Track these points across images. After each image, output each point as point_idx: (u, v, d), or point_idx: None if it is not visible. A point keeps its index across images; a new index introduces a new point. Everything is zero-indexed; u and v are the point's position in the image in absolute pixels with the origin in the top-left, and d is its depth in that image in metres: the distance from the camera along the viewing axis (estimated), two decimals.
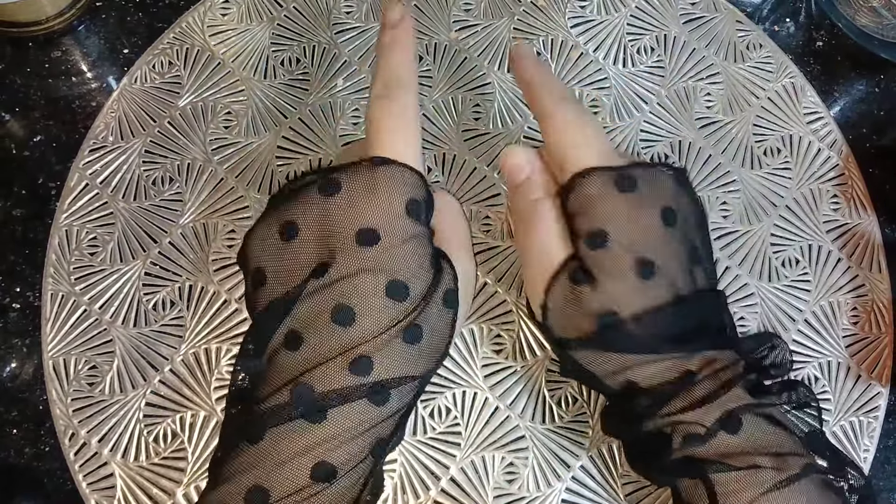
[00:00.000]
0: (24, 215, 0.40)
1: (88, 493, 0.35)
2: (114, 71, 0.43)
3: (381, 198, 0.28)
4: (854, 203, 0.42)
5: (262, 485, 0.25)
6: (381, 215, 0.28)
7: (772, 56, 0.45)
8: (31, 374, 0.37)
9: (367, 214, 0.28)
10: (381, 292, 0.27)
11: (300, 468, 0.26)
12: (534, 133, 0.42)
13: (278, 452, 0.26)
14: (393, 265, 0.28)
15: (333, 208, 0.28)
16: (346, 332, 0.27)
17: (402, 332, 0.27)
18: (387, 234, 0.28)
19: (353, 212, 0.28)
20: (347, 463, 0.26)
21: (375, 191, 0.28)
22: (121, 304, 0.38)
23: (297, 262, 0.28)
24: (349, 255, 0.28)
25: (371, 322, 0.27)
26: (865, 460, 0.37)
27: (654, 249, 0.28)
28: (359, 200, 0.28)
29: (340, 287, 0.27)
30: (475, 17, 0.44)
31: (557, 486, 0.36)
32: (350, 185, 0.28)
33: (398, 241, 0.28)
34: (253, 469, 0.26)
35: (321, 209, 0.28)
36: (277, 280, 0.28)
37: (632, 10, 0.45)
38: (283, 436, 0.26)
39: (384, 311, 0.27)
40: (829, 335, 0.39)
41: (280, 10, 0.44)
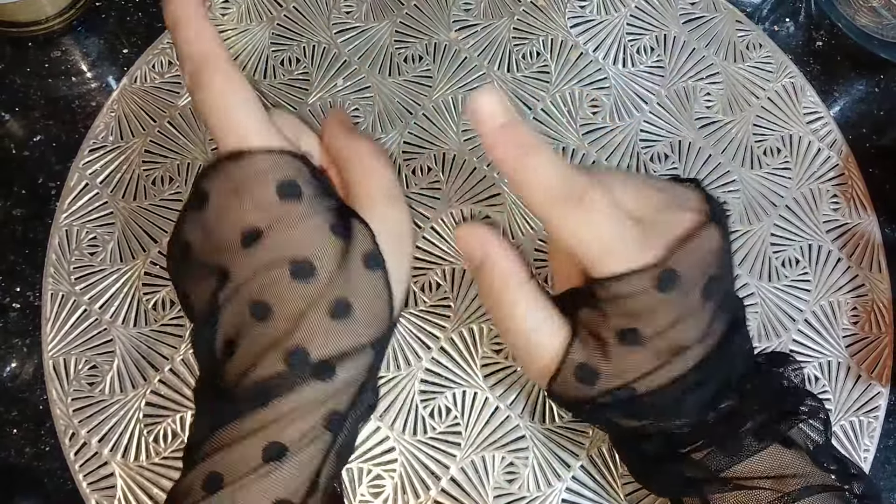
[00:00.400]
0: (24, 215, 0.40)
1: (88, 493, 0.35)
2: (114, 71, 0.43)
3: (246, 195, 0.26)
4: (854, 203, 0.42)
5: (217, 471, 0.26)
6: (254, 212, 0.26)
7: (772, 56, 0.45)
8: (32, 373, 0.37)
9: (241, 217, 0.26)
10: (287, 278, 0.26)
11: (251, 450, 0.26)
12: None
13: (230, 438, 0.26)
14: (288, 251, 0.26)
15: (210, 223, 0.27)
16: (269, 325, 0.26)
17: (328, 311, 0.27)
18: (269, 228, 0.26)
19: (227, 219, 0.27)
20: (300, 440, 0.26)
21: (239, 190, 0.26)
22: (121, 303, 0.38)
23: (199, 278, 0.28)
24: (240, 260, 0.26)
25: (288, 310, 0.26)
26: (865, 460, 0.37)
27: (689, 333, 0.26)
28: (228, 206, 0.27)
29: (249, 287, 0.27)
30: (475, 17, 0.44)
31: (558, 486, 0.36)
32: (216, 193, 0.27)
33: (283, 228, 0.27)
34: (209, 458, 0.26)
35: (201, 226, 0.27)
36: (195, 296, 0.28)
37: (632, 10, 0.45)
38: (235, 424, 0.26)
39: (297, 296, 0.26)
40: (829, 335, 0.39)
41: (280, 10, 0.44)
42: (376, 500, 0.35)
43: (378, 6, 0.44)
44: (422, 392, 0.37)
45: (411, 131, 0.41)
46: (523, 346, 0.28)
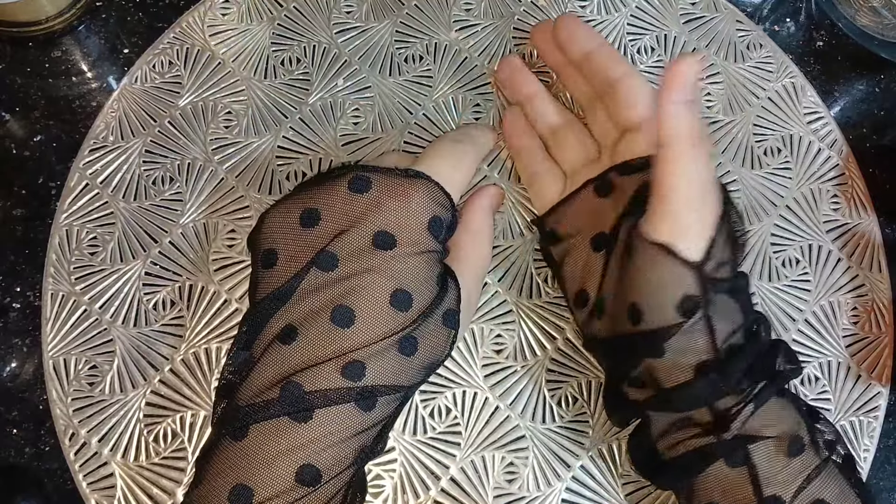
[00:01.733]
0: (24, 215, 0.40)
1: (88, 493, 0.35)
2: (114, 71, 0.43)
3: (406, 206, 0.28)
4: (854, 203, 0.42)
5: (246, 483, 0.25)
6: (403, 223, 0.28)
7: (772, 56, 0.45)
8: (32, 373, 0.37)
9: (389, 218, 0.28)
10: (386, 299, 0.27)
11: (285, 469, 0.25)
12: None
13: (263, 451, 0.25)
14: (402, 274, 0.28)
15: (359, 205, 0.28)
16: (344, 333, 0.27)
17: (399, 343, 0.27)
18: (403, 243, 0.28)
19: (376, 213, 0.28)
20: (332, 468, 0.26)
21: (403, 198, 0.28)
22: (121, 303, 0.38)
23: (311, 248, 0.28)
24: (362, 254, 0.27)
25: (370, 327, 0.27)
26: (865, 460, 0.37)
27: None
28: (385, 203, 0.28)
29: (346, 285, 0.27)
30: (475, 17, 0.44)
31: (557, 485, 0.36)
32: (380, 186, 0.28)
33: (413, 251, 0.28)
34: (237, 467, 0.25)
35: (346, 203, 0.28)
36: (288, 264, 0.28)
37: (632, 10, 0.45)
38: (268, 434, 0.26)
39: (385, 319, 0.27)
40: (829, 335, 0.39)
41: (280, 9, 0.44)
42: (376, 500, 0.35)
43: (378, 6, 0.44)
44: (422, 392, 0.37)
45: (411, 131, 0.41)
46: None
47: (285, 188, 0.40)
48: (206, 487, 0.26)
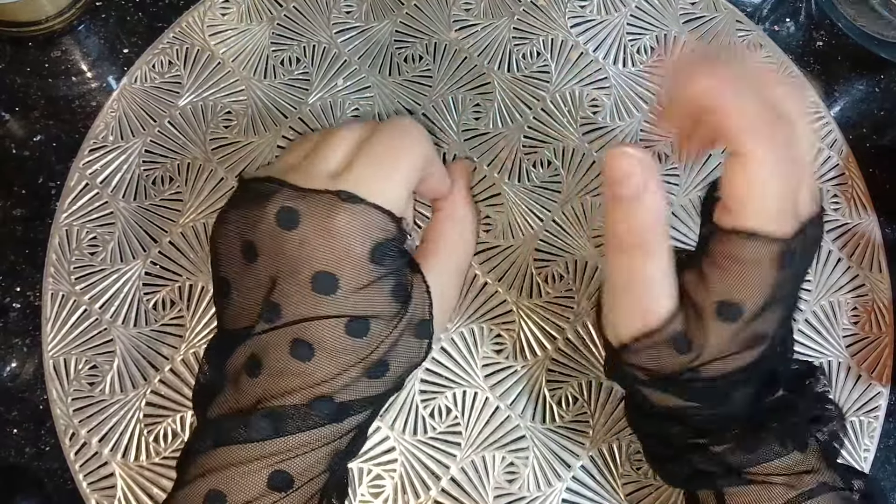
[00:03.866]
0: (24, 215, 0.40)
1: (89, 493, 0.35)
2: (114, 71, 0.43)
3: (340, 243, 0.26)
4: (854, 203, 0.42)
5: (220, 489, 0.26)
6: (340, 261, 0.26)
7: (772, 56, 0.45)
8: (32, 373, 0.37)
9: (323, 258, 0.26)
10: (341, 331, 0.26)
11: (257, 475, 0.26)
12: (533, 133, 0.42)
13: (236, 457, 0.26)
14: (351, 306, 0.27)
15: (289, 245, 0.26)
16: (306, 367, 0.26)
17: (367, 371, 0.27)
18: (346, 281, 0.26)
19: (311, 253, 0.26)
20: (304, 474, 0.26)
21: (335, 234, 0.26)
22: (121, 303, 0.38)
23: (257, 284, 0.27)
24: (303, 300, 0.26)
25: (331, 360, 0.27)
26: (866, 460, 0.37)
27: (772, 323, 0.26)
28: (317, 242, 0.26)
29: (296, 327, 0.26)
30: (475, 17, 0.44)
31: (558, 485, 0.36)
32: (309, 221, 0.26)
33: (359, 286, 0.27)
34: (212, 473, 0.26)
35: (278, 241, 0.26)
36: (241, 298, 0.28)
37: (632, 10, 0.45)
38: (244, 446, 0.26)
39: (344, 350, 0.27)
40: (829, 335, 0.39)
41: (280, 9, 0.44)
42: (376, 500, 0.35)
43: (378, 6, 0.44)
44: (422, 392, 0.37)
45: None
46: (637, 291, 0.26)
47: None
48: (183, 492, 0.26)
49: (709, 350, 0.25)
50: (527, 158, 0.41)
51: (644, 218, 0.25)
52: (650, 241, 0.25)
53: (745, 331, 0.25)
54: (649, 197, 0.25)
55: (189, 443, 0.28)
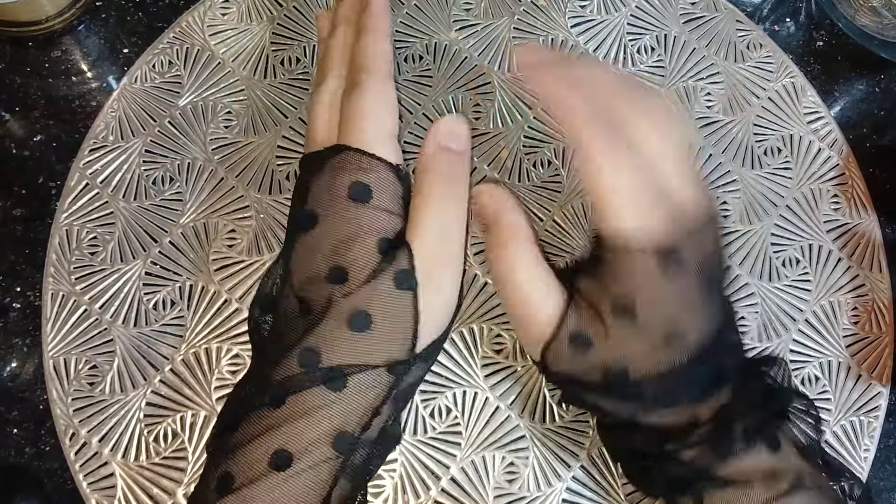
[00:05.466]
0: (24, 215, 0.40)
1: (89, 493, 0.35)
2: (114, 70, 0.43)
3: (321, 181, 0.29)
4: (854, 203, 0.42)
5: (230, 471, 0.26)
6: (320, 197, 0.29)
7: (772, 56, 0.45)
8: (32, 373, 0.37)
9: (309, 197, 0.29)
10: (322, 279, 0.27)
11: (260, 454, 0.26)
12: (534, 133, 0.42)
13: (244, 438, 0.27)
14: (329, 250, 0.28)
15: (297, 189, 0.30)
16: (302, 322, 0.28)
17: (348, 321, 0.27)
18: (324, 218, 0.28)
19: (300, 194, 0.30)
20: (305, 450, 0.26)
21: (319, 174, 0.29)
22: (121, 303, 0.38)
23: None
24: (291, 236, 0.29)
25: (316, 311, 0.28)
26: (865, 460, 0.37)
27: (684, 326, 0.26)
28: (307, 183, 0.29)
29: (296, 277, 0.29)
30: (475, 17, 0.44)
31: (558, 485, 0.36)
32: (305, 167, 0.30)
33: (336, 223, 0.28)
34: (223, 456, 0.27)
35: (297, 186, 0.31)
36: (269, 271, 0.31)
37: (632, 10, 0.45)
38: (248, 422, 0.27)
39: (326, 298, 0.27)
40: (829, 335, 0.39)
41: (280, 9, 0.44)
42: (376, 500, 0.35)
43: None
44: (422, 392, 0.37)
45: (411, 131, 0.41)
46: (521, 303, 0.28)
47: (285, 188, 0.40)
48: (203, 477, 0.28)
49: (614, 348, 0.26)
50: (527, 158, 0.41)
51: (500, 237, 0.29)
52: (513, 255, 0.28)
53: (652, 328, 0.26)
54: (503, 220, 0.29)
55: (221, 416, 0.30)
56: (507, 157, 0.41)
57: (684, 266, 0.26)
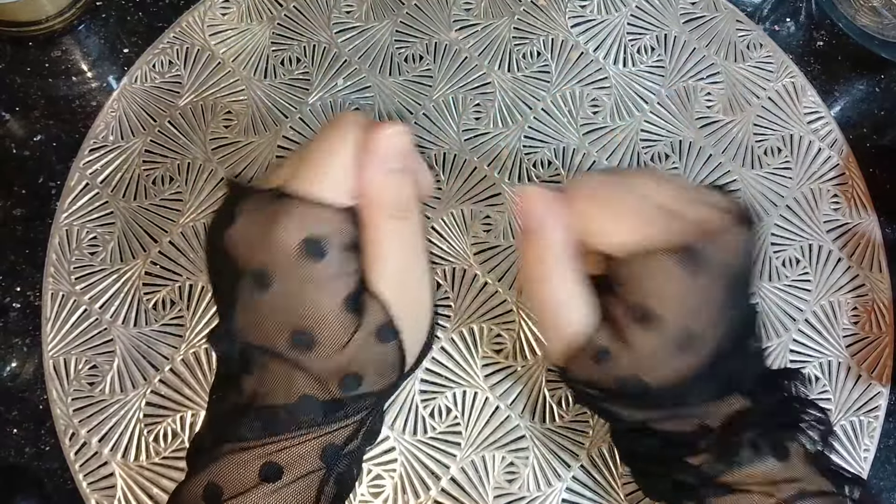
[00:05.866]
0: (25, 215, 0.40)
1: (89, 493, 0.35)
2: (114, 70, 0.43)
3: (270, 237, 0.25)
4: (854, 203, 0.42)
5: (217, 482, 0.26)
6: (271, 256, 0.26)
7: (772, 56, 0.45)
8: (32, 373, 0.37)
9: (258, 254, 0.26)
10: (287, 345, 0.26)
11: (249, 467, 0.26)
12: (534, 133, 0.42)
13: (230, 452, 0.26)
14: (291, 313, 0.26)
15: (232, 240, 0.26)
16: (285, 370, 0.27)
17: (339, 385, 0.27)
18: (278, 279, 0.26)
19: (247, 249, 0.26)
20: (294, 467, 0.26)
21: (266, 230, 0.26)
22: (121, 303, 0.38)
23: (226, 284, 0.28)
24: (245, 301, 0.26)
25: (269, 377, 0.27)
26: (865, 460, 0.37)
27: (703, 325, 0.26)
28: (252, 238, 0.26)
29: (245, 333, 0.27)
30: (475, 17, 0.44)
31: (558, 485, 0.36)
32: (246, 218, 0.26)
33: (293, 285, 0.26)
34: (210, 466, 0.26)
35: (228, 238, 0.27)
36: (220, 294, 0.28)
37: (632, 10, 0.45)
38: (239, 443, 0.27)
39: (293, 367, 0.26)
40: (829, 335, 0.39)
41: (280, 9, 0.44)
42: (376, 500, 0.35)
43: (378, 6, 0.44)
44: (422, 392, 0.37)
45: (411, 131, 0.41)
46: (552, 314, 0.28)
47: None
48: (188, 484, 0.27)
49: (634, 356, 0.26)
50: (527, 158, 0.41)
51: (545, 246, 0.28)
52: (552, 267, 0.28)
53: (670, 333, 0.26)
54: (549, 228, 0.28)
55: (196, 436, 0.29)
56: (507, 157, 0.41)
57: (705, 264, 0.26)
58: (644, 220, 0.27)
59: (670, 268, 0.26)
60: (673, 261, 0.25)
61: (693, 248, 0.26)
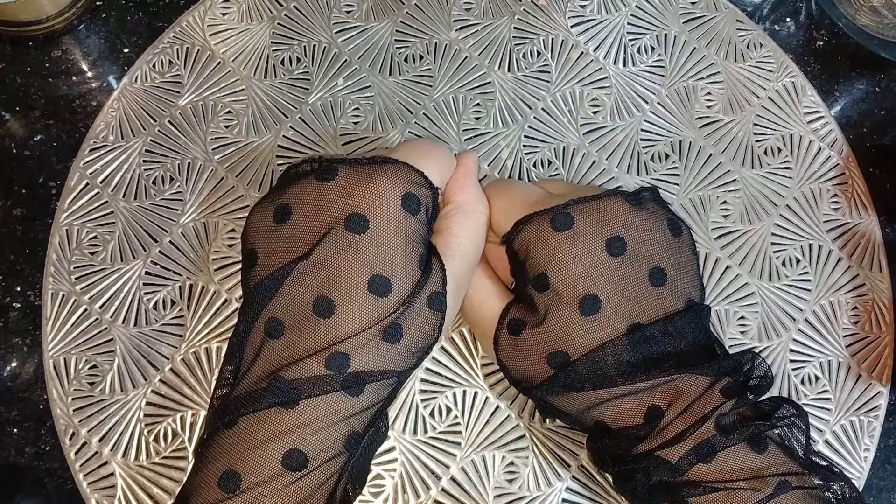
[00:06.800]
0: (25, 215, 0.40)
1: (89, 493, 0.35)
2: (114, 70, 0.43)
3: (375, 186, 0.28)
4: (854, 202, 0.42)
5: (235, 469, 0.25)
6: (373, 203, 0.28)
7: (772, 55, 0.45)
8: (32, 373, 0.37)
9: (359, 201, 0.28)
10: (363, 286, 0.27)
11: (272, 454, 0.25)
12: (534, 133, 0.42)
13: (250, 437, 0.26)
14: (378, 257, 0.27)
15: (328, 193, 0.28)
16: (325, 324, 0.27)
17: (383, 332, 0.27)
18: (377, 224, 0.27)
19: (346, 197, 0.28)
20: (320, 454, 0.26)
21: (371, 179, 0.28)
22: (121, 303, 0.38)
23: (287, 243, 0.28)
24: (336, 238, 0.27)
25: (350, 317, 0.27)
26: (865, 460, 0.37)
27: (598, 283, 0.28)
28: (353, 187, 0.28)
29: (323, 273, 0.27)
30: (475, 17, 0.44)
31: (558, 485, 0.36)
32: (347, 172, 0.28)
33: (387, 232, 0.28)
34: (226, 453, 0.26)
35: (315, 193, 0.28)
36: (267, 261, 0.28)
37: (632, 10, 0.45)
38: (256, 421, 0.26)
39: (364, 307, 0.27)
40: (829, 335, 0.39)
41: (280, 9, 0.44)
42: (376, 499, 0.35)
43: (378, 6, 0.44)
44: (422, 392, 0.37)
45: (412, 131, 0.41)
46: (476, 312, 0.32)
47: None
48: (199, 475, 0.26)
49: (548, 329, 0.29)
50: (527, 158, 0.41)
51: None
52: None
53: (567, 295, 0.28)
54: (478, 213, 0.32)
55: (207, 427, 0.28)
56: (507, 157, 0.41)
57: (581, 231, 0.29)
58: (534, 202, 0.30)
59: (547, 229, 0.29)
60: (548, 223, 0.29)
61: (565, 212, 0.29)
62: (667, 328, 0.29)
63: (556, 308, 0.29)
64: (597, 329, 0.28)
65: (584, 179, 0.41)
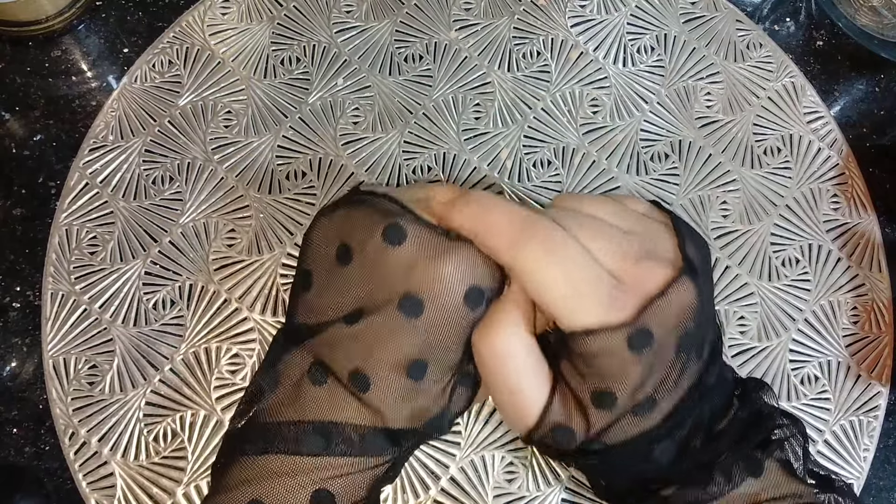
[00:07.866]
0: (24, 214, 0.40)
1: (88, 493, 0.35)
2: (114, 70, 0.43)
3: (440, 270, 0.26)
4: (854, 202, 0.42)
5: (262, 500, 0.25)
6: (434, 288, 0.26)
7: (772, 55, 0.45)
8: (32, 373, 0.37)
9: (419, 280, 0.26)
10: (403, 374, 0.26)
11: (301, 490, 0.25)
12: (534, 133, 0.42)
13: (283, 469, 0.26)
14: (424, 346, 0.26)
15: (390, 259, 0.26)
16: (362, 395, 0.27)
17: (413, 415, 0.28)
18: (432, 311, 0.26)
19: (407, 272, 0.26)
20: (346, 496, 0.26)
21: (438, 262, 0.26)
22: (121, 303, 0.38)
23: (340, 290, 0.27)
24: (387, 315, 0.26)
25: (385, 395, 0.27)
26: (865, 460, 0.37)
27: (659, 388, 0.26)
28: (418, 262, 0.26)
29: (365, 344, 0.26)
30: (475, 17, 0.44)
31: (557, 485, 0.36)
32: (416, 241, 0.26)
33: (441, 323, 0.26)
34: (254, 482, 0.26)
35: (378, 252, 0.26)
36: (320, 296, 0.28)
37: (632, 10, 0.45)
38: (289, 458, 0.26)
39: (399, 390, 0.27)
40: (829, 335, 0.39)
41: (280, 9, 0.44)
42: None
43: (378, 6, 0.44)
44: None
45: (411, 131, 0.41)
46: (509, 392, 0.28)
47: (285, 188, 0.40)
48: (223, 498, 0.26)
49: (592, 429, 0.27)
50: (527, 158, 0.41)
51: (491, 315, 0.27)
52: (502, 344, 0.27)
53: (628, 408, 0.26)
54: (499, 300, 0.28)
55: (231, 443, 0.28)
56: (507, 157, 0.41)
57: (656, 339, 0.25)
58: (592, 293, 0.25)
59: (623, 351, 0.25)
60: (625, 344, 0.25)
61: (643, 328, 0.25)
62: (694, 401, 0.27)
63: (607, 419, 0.26)
64: (641, 424, 0.26)
65: (584, 179, 0.41)
